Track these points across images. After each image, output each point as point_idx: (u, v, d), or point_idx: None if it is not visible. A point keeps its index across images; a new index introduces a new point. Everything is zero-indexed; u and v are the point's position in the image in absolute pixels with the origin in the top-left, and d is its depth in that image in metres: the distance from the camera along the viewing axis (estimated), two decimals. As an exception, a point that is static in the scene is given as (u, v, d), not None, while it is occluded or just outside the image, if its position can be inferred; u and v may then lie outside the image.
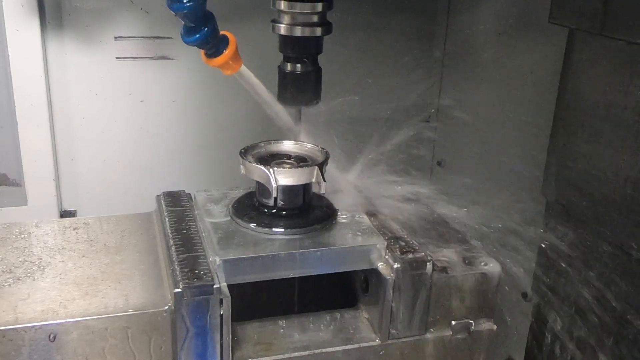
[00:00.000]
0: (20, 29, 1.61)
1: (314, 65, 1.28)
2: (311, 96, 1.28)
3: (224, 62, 1.19)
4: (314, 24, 1.23)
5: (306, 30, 1.23)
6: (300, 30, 1.23)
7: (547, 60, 1.49)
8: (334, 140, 1.29)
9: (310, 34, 1.23)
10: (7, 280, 1.06)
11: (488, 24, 1.76)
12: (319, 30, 1.23)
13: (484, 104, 1.76)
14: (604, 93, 1.22)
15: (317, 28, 1.23)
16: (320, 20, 1.23)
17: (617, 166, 1.20)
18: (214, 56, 1.18)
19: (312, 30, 1.23)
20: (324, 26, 1.24)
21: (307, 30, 1.23)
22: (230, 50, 1.18)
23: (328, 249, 1.12)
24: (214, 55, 1.18)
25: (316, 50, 1.27)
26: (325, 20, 1.24)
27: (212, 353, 1.04)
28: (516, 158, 1.63)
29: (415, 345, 1.15)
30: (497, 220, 1.29)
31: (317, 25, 1.23)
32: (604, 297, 1.26)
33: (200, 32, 1.12)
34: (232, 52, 1.18)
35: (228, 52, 1.18)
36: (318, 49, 1.27)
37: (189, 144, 1.88)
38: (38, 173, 1.75)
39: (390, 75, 1.90)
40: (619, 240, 1.21)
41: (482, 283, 1.16)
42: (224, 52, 1.18)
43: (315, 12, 1.22)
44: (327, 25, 1.25)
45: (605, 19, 1.17)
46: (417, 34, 1.94)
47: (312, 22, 1.23)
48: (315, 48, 1.27)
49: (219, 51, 1.18)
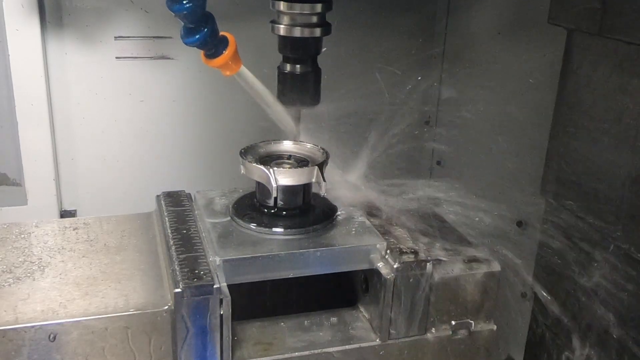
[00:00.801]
0: (20, 28, 1.61)
1: (314, 65, 1.28)
2: (311, 97, 1.28)
3: (224, 63, 1.18)
4: (313, 25, 1.23)
5: (305, 31, 1.23)
6: (299, 31, 1.23)
7: (546, 60, 1.49)
8: (333, 140, 1.29)
9: (309, 35, 1.23)
10: (7, 280, 1.06)
11: (488, 23, 1.76)
12: (318, 31, 1.23)
13: (483, 104, 1.76)
14: (603, 93, 1.23)
15: (317, 29, 1.23)
16: (320, 21, 1.24)
17: (617, 166, 1.20)
18: (213, 57, 1.18)
19: (311, 31, 1.23)
20: (323, 27, 1.24)
21: (306, 31, 1.23)
22: (230, 51, 1.18)
23: (328, 249, 1.12)
24: (213, 56, 1.18)
25: (315, 51, 1.27)
26: (324, 21, 1.24)
27: (212, 353, 1.04)
28: (515, 158, 1.63)
29: (415, 345, 1.15)
30: (496, 219, 1.29)
31: (317, 26, 1.23)
32: (604, 297, 1.26)
33: (200, 33, 1.12)
34: (232, 53, 1.18)
35: (228, 53, 1.18)
36: (317, 49, 1.27)
37: (189, 144, 1.88)
38: (38, 173, 1.75)
39: (390, 75, 1.90)
40: (619, 240, 1.21)
41: (482, 283, 1.16)
42: (224, 53, 1.17)
43: (314, 12, 1.22)
44: (327, 26, 1.25)
45: (604, 20, 1.17)
46: (416, 33, 1.94)
47: (311, 22, 1.23)
48: (315, 49, 1.27)
49: (219, 52, 1.17)
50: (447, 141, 1.97)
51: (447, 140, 1.97)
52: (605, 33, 1.17)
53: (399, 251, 1.13)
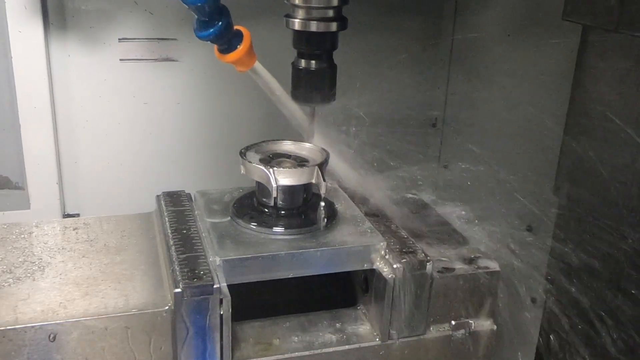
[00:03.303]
0: (23, 30, 1.62)
1: (329, 61, 1.25)
2: (326, 94, 1.25)
3: (238, 58, 1.15)
4: (329, 19, 1.20)
5: (321, 26, 1.19)
6: (315, 25, 1.19)
7: (557, 60, 1.47)
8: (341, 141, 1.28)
9: (325, 29, 1.20)
10: (7, 280, 1.07)
11: (496, 24, 1.74)
12: (334, 26, 1.20)
13: (492, 106, 1.75)
14: (619, 91, 1.21)
15: (333, 23, 1.20)
16: (336, 15, 1.20)
17: (633, 167, 1.18)
18: (227, 52, 1.14)
19: (327, 26, 1.20)
20: (340, 21, 1.21)
21: (322, 26, 1.19)
22: (245, 46, 1.14)
23: (328, 249, 1.12)
24: (227, 50, 1.14)
25: (331, 46, 1.24)
26: (340, 15, 1.21)
27: (212, 353, 1.04)
28: (527, 160, 1.61)
29: (415, 345, 1.15)
30: (507, 222, 1.28)
31: (333, 20, 1.20)
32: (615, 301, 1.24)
33: (215, 27, 1.08)
34: (247, 48, 1.14)
35: (242, 48, 1.14)
36: (333, 44, 1.24)
37: (193, 146, 1.88)
38: (41, 176, 1.75)
39: (397, 76, 1.89)
40: (633, 244, 1.19)
41: (482, 283, 1.16)
42: (238, 48, 1.14)
43: (330, 6, 1.19)
44: (343, 21, 1.21)
45: (622, 16, 1.15)
46: (424, 35, 1.93)
47: (327, 16, 1.19)
48: (331, 44, 1.23)
49: (233, 46, 1.14)
50: (455, 144, 1.96)
51: (455, 142, 1.96)
52: (622, 29, 1.15)
53: (399, 251, 1.13)
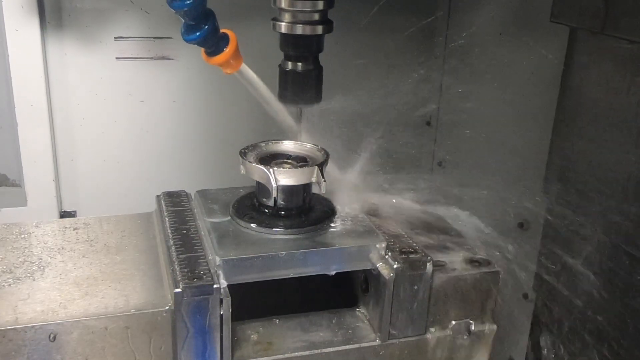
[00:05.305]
0: (20, 29, 1.61)
1: (315, 64, 1.27)
2: (312, 95, 1.27)
3: (225, 61, 1.17)
4: (315, 22, 1.22)
5: (307, 29, 1.22)
6: (301, 29, 1.21)
7: (548, 60, 1.48)
8: (334, 140, 1.29)
9: (311, 32, 1.22)
10: (7, 280, 1.06)
11: (489, 24, 1.75)
12: (320, 29, 1.22)
13: (485, 104, 1.76)
14: (606, 92, 1.22)
15: (318, 26, 1.22)
16: (321, 19, 1.22)
17: (620, 165, 1.20)
18: (214, 54, 1.17)
19: (313, 29, 1.22)
20: (325, 24, 1.23)
21: (308, 29, 1.22)
22: (231, 49, 1.17)
23: (328, 249, 1.12)
24: (214, 53, 1.17)
25: (317, 48, 1.26)
26: (326, 19, 1.23)
27: (212, 353, 1.04)
28: (517, 158, 1.62)
29: (415, 345, 1.15)
30: (498, 220, 1.28)
31: (318, 24, 1.22)
32: (606, 297, 1.25)
33: (201, 30, 1.11)
34: (233, 51, 1.17)
35: (229, 51, 1.17)
36: (319, 47, 1.26)
37: (189, 144, 1.88)
38: (38, 174, 1.75)
39: (391, 75, 1.90)
40: (621, 240, 1.21)
41: (482, 283, 1.16)
42: (225, 50, 1.16)
43: (316, 10, 1.21)
44: (328, 24, 1.24)
45: (607, 18, 1.17)
46: (417, 34, 1.93)
47: (313, 20, 1.21)
48: (317, 46, 1.25)
49: (220, 49, 1.16)
50: (449, 142, 1.97)
51: (449, 140, 1.97)
52: (608, 31, 1.17)
53: (399, 251, 1.13)
